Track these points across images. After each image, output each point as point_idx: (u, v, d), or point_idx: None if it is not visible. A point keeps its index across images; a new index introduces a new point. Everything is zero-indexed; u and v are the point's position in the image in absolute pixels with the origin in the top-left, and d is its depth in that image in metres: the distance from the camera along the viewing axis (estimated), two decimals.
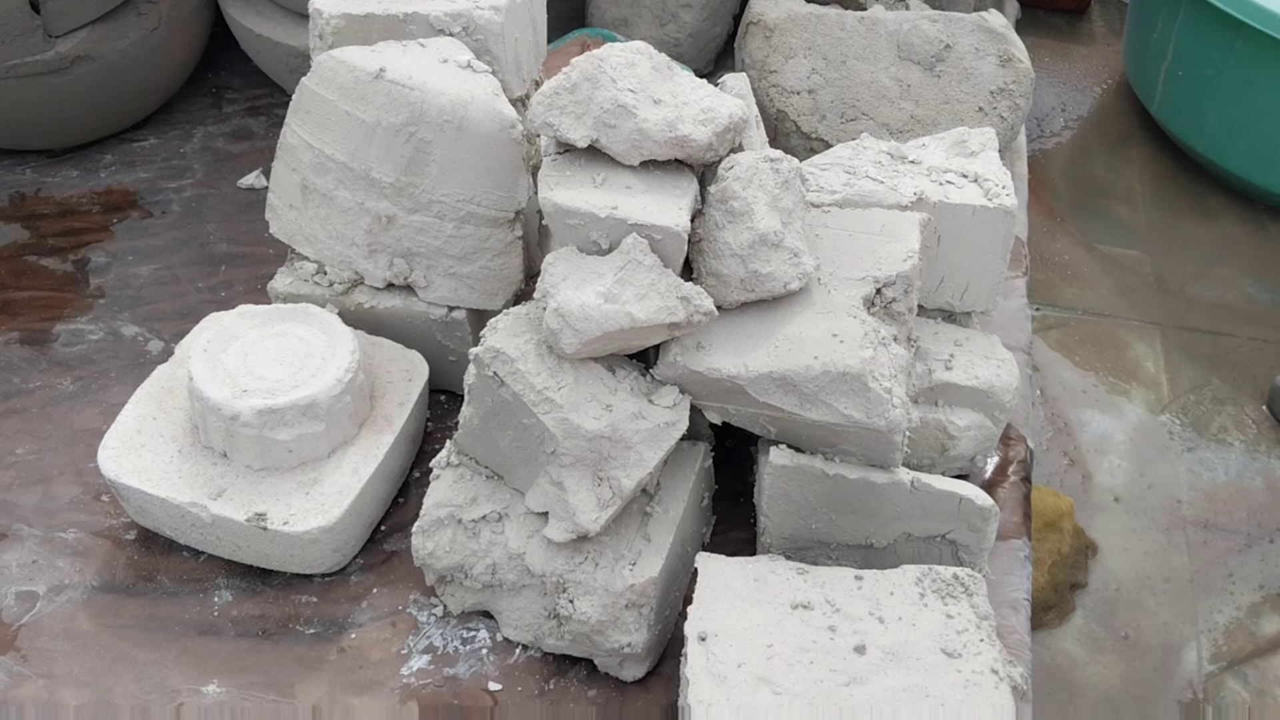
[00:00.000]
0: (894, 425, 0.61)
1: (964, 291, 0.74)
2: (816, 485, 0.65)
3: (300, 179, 0.76)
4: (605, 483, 0.62)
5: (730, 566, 0.62)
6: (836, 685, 0.56)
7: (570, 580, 0.64)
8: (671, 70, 0.64)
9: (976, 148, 0.75)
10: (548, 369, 0.61)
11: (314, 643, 0.69)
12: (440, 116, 0.71)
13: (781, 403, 0.62)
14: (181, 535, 0.71)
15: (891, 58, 0.95)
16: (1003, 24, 0.96)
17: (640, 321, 0.59)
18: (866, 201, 0.70)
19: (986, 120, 0.94)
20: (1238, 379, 1.65)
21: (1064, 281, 1.76)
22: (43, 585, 0.71)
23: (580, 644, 0.66)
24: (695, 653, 0.57)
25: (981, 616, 0.59)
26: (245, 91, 1.12)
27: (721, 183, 0.61)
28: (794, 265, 0.62)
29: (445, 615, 0.70)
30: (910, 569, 0.61)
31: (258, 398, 0.68)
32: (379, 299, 0.78)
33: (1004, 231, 0.71)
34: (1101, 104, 2.06)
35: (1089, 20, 2.23)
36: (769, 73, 0.97)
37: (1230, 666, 1.38)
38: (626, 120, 0.60)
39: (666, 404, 0.63)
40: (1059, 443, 1.57)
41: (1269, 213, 1.84)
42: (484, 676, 0.68)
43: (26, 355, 0.86)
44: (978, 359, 0.72)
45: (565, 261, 0.61)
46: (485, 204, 0.74)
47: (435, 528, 0.67)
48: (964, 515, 0.65)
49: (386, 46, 0.74)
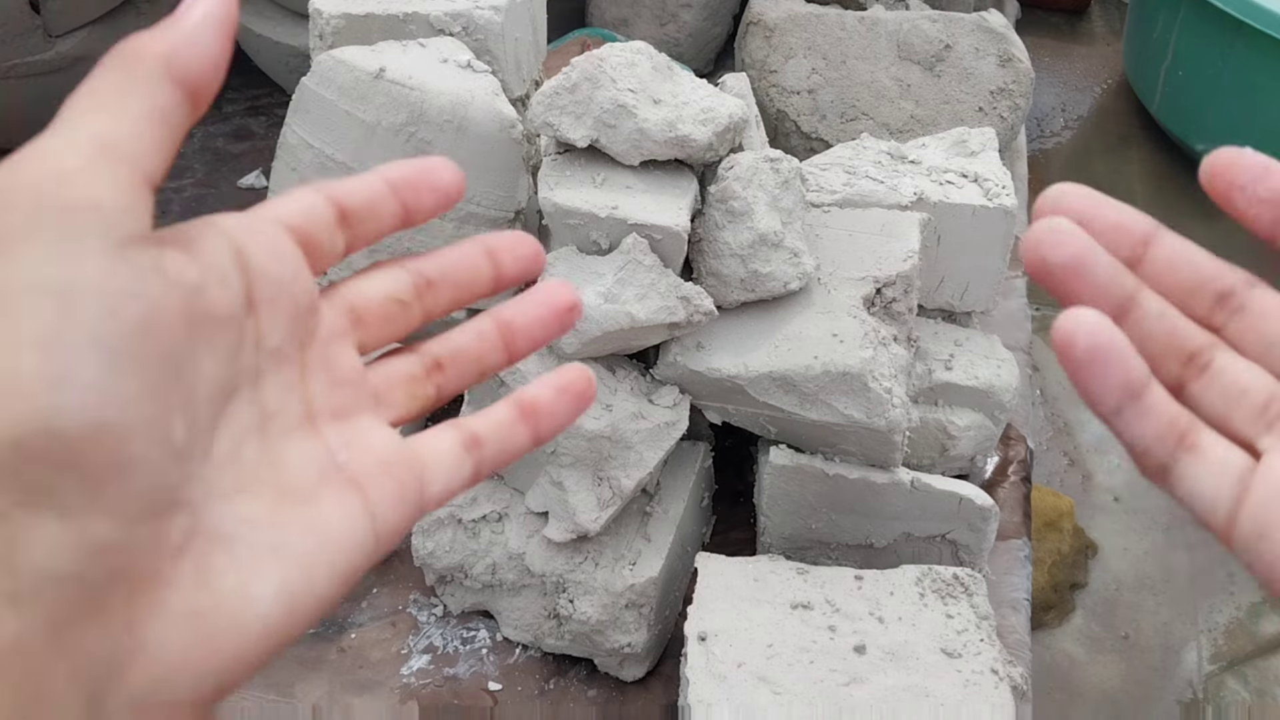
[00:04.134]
0: (894, 425, 0.61)
1: (964, 291, 0.74)
2: (816, 485, 0.65)
3: (300, 179, 0.76)
4: (605, 483, 0.62)
5: (730, 566, 0.62)
6: (836, 685, 0.56)
7: (570, 580, 0.64)
8: (671, 70, 0.64)
9: (976, 148, 0.75)
10: (548, 369, 0.61)
11: (314, 643, 0.69)
12: (440, 116, 0.71)
13: (781, 403, 0.62)
14: None
15: (891, 58, 0.95)
16: (1003, 24, 0.96)
17: (640, 321, 0.59)
18: (866, 201, 0.70)
19: (986, 120, 0.94)
20: None
21: None
22: None
23: (580, 644, 0.66)
24: (695, 653, 0.57)
25: (981, 616, 0.59)
26: (245, 91, 1.12)
27: (721, 183, 0.61)
28: (794, 265, 0.62)
29: (445, 615, 0.70)
30: (910, 569, 0.61)
31: None
32: None
33: (1004, 231, 0.71)
34: (1101, 104, 2.06)
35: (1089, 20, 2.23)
36: (769, 73, 0.97)
37: (1230, 666, 1.38)
38: (626, 120, 0.60)
39: (666, 404, 0.63)
40: (1059, 443, 1.57)
41: None
42: (484, 676, 0.68)
43: None
44: (978, 359, 0.72)
45: (565, 261, 0.61)
46: (485, 204, 0.74)
47: (435, 528, 0.67)
48: (964, 515, 0.65)
49: (386, 46, 0.74)
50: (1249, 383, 0.31)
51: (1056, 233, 0.30)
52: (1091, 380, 0.29)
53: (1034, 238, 0.30)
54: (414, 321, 0.33)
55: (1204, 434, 0.30)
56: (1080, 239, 0.30)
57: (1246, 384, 0.31)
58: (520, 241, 0.35)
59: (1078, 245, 0.30)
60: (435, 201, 0.32)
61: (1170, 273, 0.32)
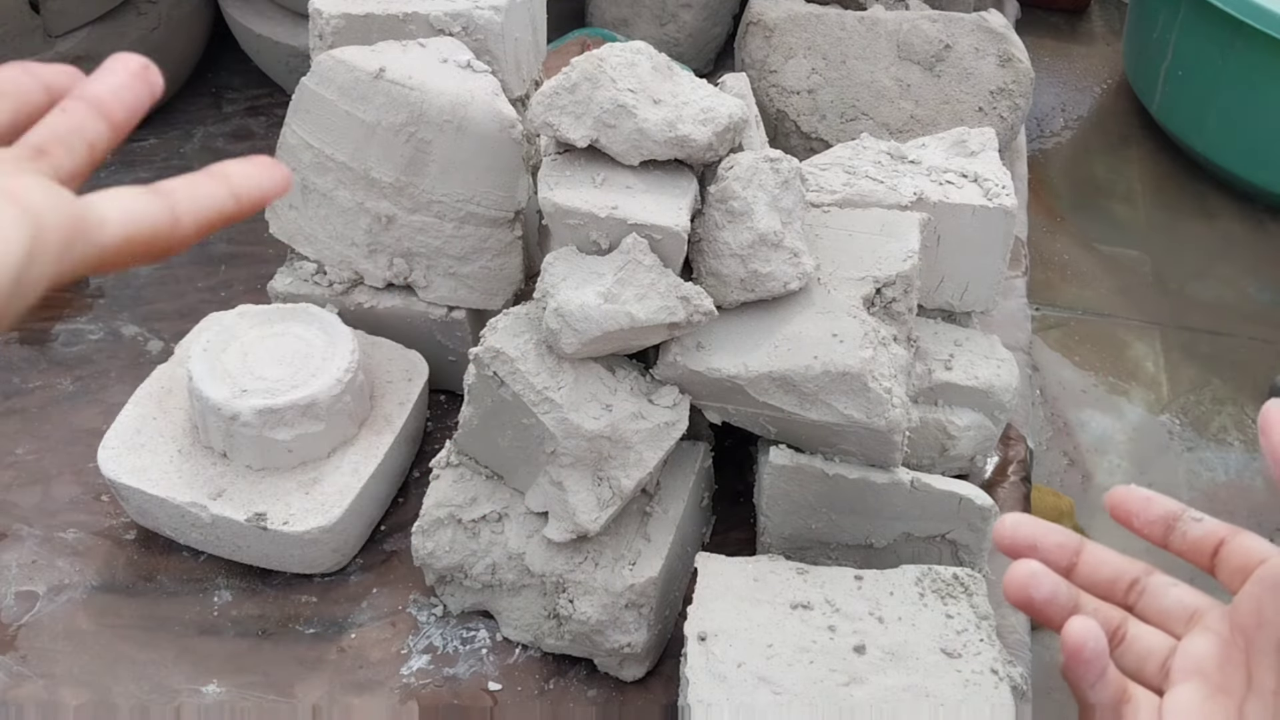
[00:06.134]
0: (894, 425, 0.61)
1: (964, 291, 0.74)
2: (816, 485, 0.65)
3: (300, 179, 0.76)
4: (605, 483, 0.62)
5: (730, 566, 0.61)
6: (836, 685, 0.56)
7: (570, 580, 0.64)
8: (671, 70, 0.64)
9: (976, 148, 0.75)
10: (547, 369, 0.61)
11: (314, 643, 0.69)
12: (440, 116, 0.71)
13: (781, 403, 0.62)
14: (181, 535, 0.71)
15: (891, 58, 0.95)
16: (1003, 24, 0.96)
17: (640, 321, 0.59)
18: (866, 201, 0.70)
19: (986, 120, 0.94)
20: (1238, 379, 1.64)
21: (1064, 281, 1.76)
22: (43, 585, 0.71)
23: (580, 644, 0.66)
24: (695, 653, 0.57)
25: (981, 616, 0.59)
26: (245, 91, 1.12)
27: (721, 183, 0.61)
28: (794, 265, 0.62)
29: (445, 615, 0.70)
30: (910, 569, 0.61)
31: (257, 397, 0.68)
32: (379, 299, 0.78)
33: (1004, 231, 0.71)
34: (1101, 104, 2.06)
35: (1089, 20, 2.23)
36: (769, 73, 0.97)
37: None
38: (626, 120, 0.60)
39: (666, 404, 0.63)
40: (1059, 443, 1.57)
41: (1269, 213, 1.84)
42: (484, 676, 0.68)
43: (26, 355, 0.86)
44: (978, 359, 0.72)
45: (565, 261, 0.61)
46: (485, 204, 0.74)
47: (435, 528, 0.67)
48: (964, 515, 0.65)
49: (386, 46, 0.74)
50: (1154, 646, 0.46)
51: (1036, 577, 0.44)
52: (1088, 671, 0.42)
53: (1019, 581, 0.44)
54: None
55: (1134, 689, 0.44)
56: (1052, 579, 0.45)
57: (1152, 646, 0.46)
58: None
59: (1052, 584, 0.44)
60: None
61: (1096, 570, 0.47)
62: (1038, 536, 0.47)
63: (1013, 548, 0.47)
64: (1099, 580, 0.47)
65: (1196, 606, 0.46)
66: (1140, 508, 0.47)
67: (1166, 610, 0.46)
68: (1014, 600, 0.45)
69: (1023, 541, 0.47)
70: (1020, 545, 0.47)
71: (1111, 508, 0.48)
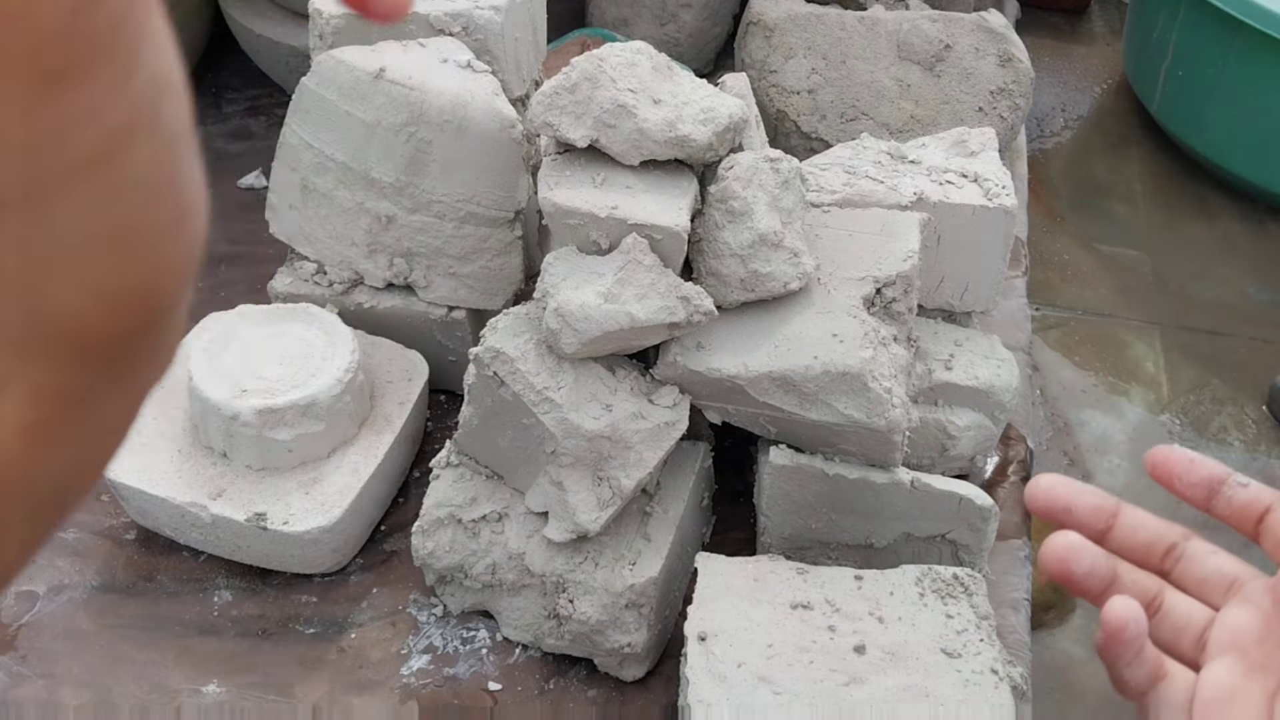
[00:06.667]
0: (894, 425, 0.61)
1: (964, 291, 0.74)
2: (816, 485, 0.65)
3: (300, 179, 0.76)
4: (605, 483, 0.62)
5: (730, 566, 0.61)
6: (836, 685, 0.56)
7: (570, 580, 0.64)
8: (671, 70, 0.64)
9: (976, 148, 0.75)
10: (547, 369, 0.61)
11: (314, 643, 0.69)
12: (440, 116, 0.71)
13: (781, 403, 0.62)
14: (181, 535, 0.71)
15: (891, 58, 0.95)
16: (1003, 24, 0.96)
17: (640, 321, 0.59)
18: (866, 201, 0.70)
19: (986, 120, 0.94)
20: (1238, 379, 1.64)
21: (1064, 281, 1.76)
22: (42, 585, 0.71)
23: (580, 644, 0.66)
24: (695, 653, 0.57)
25: (981, 616, 0.59)
26: (245, 91, 1.12)
27: (721, 183, 0.61)
28: (794, 265, 0.62)
29: (445, 615, 0.70)
30: (910, 569, 0.61)
31: (258, 397, 0.68)
32: (379, 299, 0.78)
33: (1004, 231, 0.71)
34: (1101, 104, 2.06)
35: (1089, 20, 2.23)
36: (769, 73, 0.97)
37: None
38: (626, 120, 0.60)
39: (666, 404, 0.63)
40: (1059, 443, 1.57)
41: (1269, 213, 1.84)
42: (484, 676, 0.68)
43: None
44: (978, 359, 0.72)
45: (565, 261, 0.61)
46: (485, 204, 0.74)
47: (435, 528, 0.67)
48: (964, 515, 0.65)
49: (386, 46, 0.74)
50: (1191, 616, 0.44)
51: (1075, 550, 0.42)
52: (1127, 649, 0.41)
53: (1058, 554, 0.42)
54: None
55: (1170, 665, 0.42)
56: (1091, 552, 0.43)
57: (1190, 617, 0.44)
58: None
59: (1091, 558, 0.42)
60: None
61: (1132, 535, 0.45)
62: (1072, 498, 0.45)
63: (1048, 510, 0.45)
64: (1135, 544, 0.45)
65: (1236, 575, 0.44)
66: (1183, 469, 0.45)
67: (1205, 579, 0.44)
68: (1052, 573, 0.43)
69: (1058, 503, 0.45)
70: (1056, 507, 0.45)
71: (1152, 467, 0.45)
